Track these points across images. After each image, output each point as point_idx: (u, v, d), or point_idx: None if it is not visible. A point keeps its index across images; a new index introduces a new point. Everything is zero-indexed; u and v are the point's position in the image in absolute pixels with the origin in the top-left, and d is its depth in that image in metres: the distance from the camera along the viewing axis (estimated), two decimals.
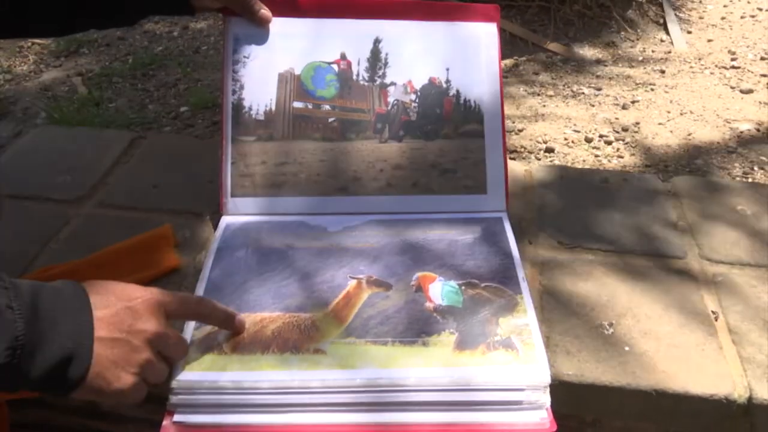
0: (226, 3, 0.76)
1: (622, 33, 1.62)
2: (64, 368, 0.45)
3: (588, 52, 1.55)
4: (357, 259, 0.69)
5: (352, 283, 0.65)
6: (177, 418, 0.55)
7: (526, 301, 0.64)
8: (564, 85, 1.42)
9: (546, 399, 0.56)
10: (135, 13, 0.75)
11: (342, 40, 0.78)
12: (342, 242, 0.71)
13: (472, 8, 0.80)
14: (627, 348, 0.64)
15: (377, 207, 0.76)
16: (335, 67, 0.78)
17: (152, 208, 0.81)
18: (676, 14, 1.70)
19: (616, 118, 1.29)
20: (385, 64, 0.78)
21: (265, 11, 0.77)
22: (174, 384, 0.55)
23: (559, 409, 0.58)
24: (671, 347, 0.64)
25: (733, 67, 1.48)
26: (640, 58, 1.53)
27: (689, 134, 1.24)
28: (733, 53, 1.54)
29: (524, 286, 0.66)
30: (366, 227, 0.74)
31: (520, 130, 1.25)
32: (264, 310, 0.63)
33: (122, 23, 0.78)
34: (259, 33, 0.77)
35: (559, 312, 0.67)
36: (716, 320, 0.67)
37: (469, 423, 0.55)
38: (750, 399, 0.60)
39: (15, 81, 1.49)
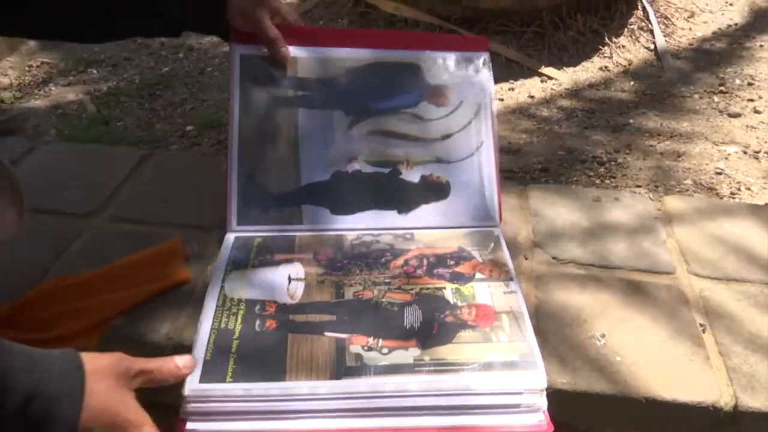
0: (255, 29, 0.77)
1: (614, 58, 1.67)
2: None
3: (581, 76, 1.60)
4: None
5: None
6: (190, 426, 0.57)
7: (523, 310, 0.67)
8: (558, 108, 1.46)
9: (543, 402, 0.59)
10: (174, 24, 0.77)
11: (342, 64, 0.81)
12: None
13: (464, 38, 0.84)
14: (618, 358, 0.66)
15: (377, 222, 0.79)
16: None
17: (161, 222, 0.84)
18: (666, 41, 1.75)
19: (608, 140, 1.33)
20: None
21: (285, 49, 0.79)
22: (186, 392, 0.57)
23: (553, 418, 0.60)
24: (661, 357, 0.67)
25: (721, 92, 1.53)
26: (632, 82, 1.58)
27: (679, 156, 1.28)
28: (722, 78, 1.59)
29: (520, 296, 0.69)
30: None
31: (516, 151, 1.28)
32: None
33: (162, 33, 0.81)
34: (265, 60, 0.79)
35: (553, 324, 0.70)
36: (704, 332, 0.70)
37: (468, 426, 0.57)
38: (736, 407, 0.63)
39: (25, 99, 1.52)
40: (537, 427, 0.58)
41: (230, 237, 0.77)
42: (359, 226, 0.78)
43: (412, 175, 0.80)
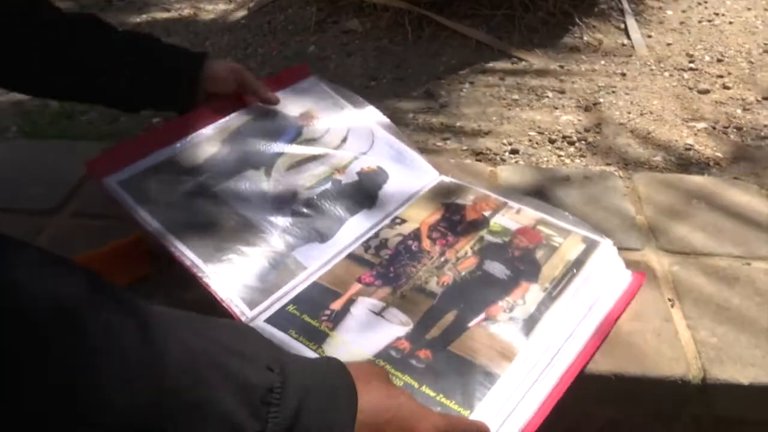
0: (239, 87, 0.84)
1: (585, 38, 1.67)
2: None
3: (552, 57, 1.60)
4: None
5: None
6: None
7: (542, 214, 0.78)
8: (528, 89, 1.45)
9: (622, 262, 0.72)
10: (128, 102, 0.85)
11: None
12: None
13: (288, 73, 0.92)
14: None
15: (361, 226, 0.75)
16: None
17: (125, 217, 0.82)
18: (636, 20, 1.75)
19: (579, 120, 1.33)
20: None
21: (273, 95, 0.86)
22: None
23: None
24: (630, 333, 0.67)
25: (690, 69, 1.53)
26: (602, 62, 1.58)
27: (649, 133, 1.28)
28: (691, 56, 1.60)
29: (526, 207, 0.79)
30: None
31: (486, 133, 1.28)
32: None
33: (114, 106, 0.86)
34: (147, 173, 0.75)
35: None
36: (672, 307, 0.71)
37: (602, 319, 0.66)
38: (704, 379, 0.63)
39: None
40: (633, 283, 0.71)
41: (260, 326, 0.64)
42: (351, 239, 0.74)
43: (350, 177, 0.81)
